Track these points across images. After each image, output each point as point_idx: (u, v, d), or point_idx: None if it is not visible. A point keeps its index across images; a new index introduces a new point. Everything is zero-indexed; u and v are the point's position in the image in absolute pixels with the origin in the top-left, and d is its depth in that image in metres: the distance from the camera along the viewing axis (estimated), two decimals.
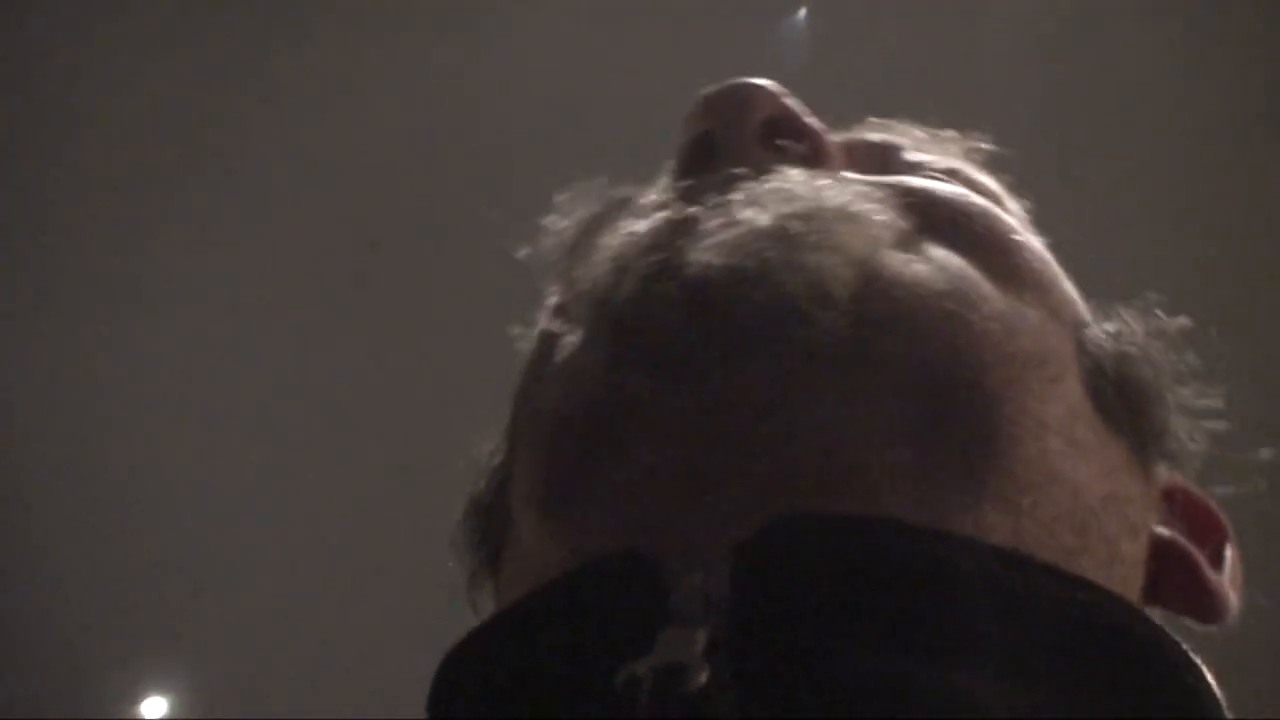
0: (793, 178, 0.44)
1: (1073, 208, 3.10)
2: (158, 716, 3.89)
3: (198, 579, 3.62)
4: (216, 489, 3.56)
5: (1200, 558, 0.44)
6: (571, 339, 0.44)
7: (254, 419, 3.48)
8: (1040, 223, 0.56)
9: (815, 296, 0.39)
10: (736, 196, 0.43)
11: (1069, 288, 0.48)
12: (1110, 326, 0.46)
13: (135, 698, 3.86)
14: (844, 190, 0.44)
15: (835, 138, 0.51)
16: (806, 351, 0.39)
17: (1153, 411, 0.44)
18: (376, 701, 3.65)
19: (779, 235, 0.41)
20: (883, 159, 0.52)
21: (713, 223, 0.42)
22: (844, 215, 0.42)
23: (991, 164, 0.56)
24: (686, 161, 0.48)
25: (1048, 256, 0.49)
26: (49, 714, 3.75)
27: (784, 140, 0.48)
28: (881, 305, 0.40)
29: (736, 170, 0.45)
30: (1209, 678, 0.36)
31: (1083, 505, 0.40)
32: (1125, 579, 0.40)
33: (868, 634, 0.33)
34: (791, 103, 0.49)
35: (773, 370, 0.39)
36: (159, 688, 3.87)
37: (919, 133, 0.55)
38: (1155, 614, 0.42)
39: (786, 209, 0.42)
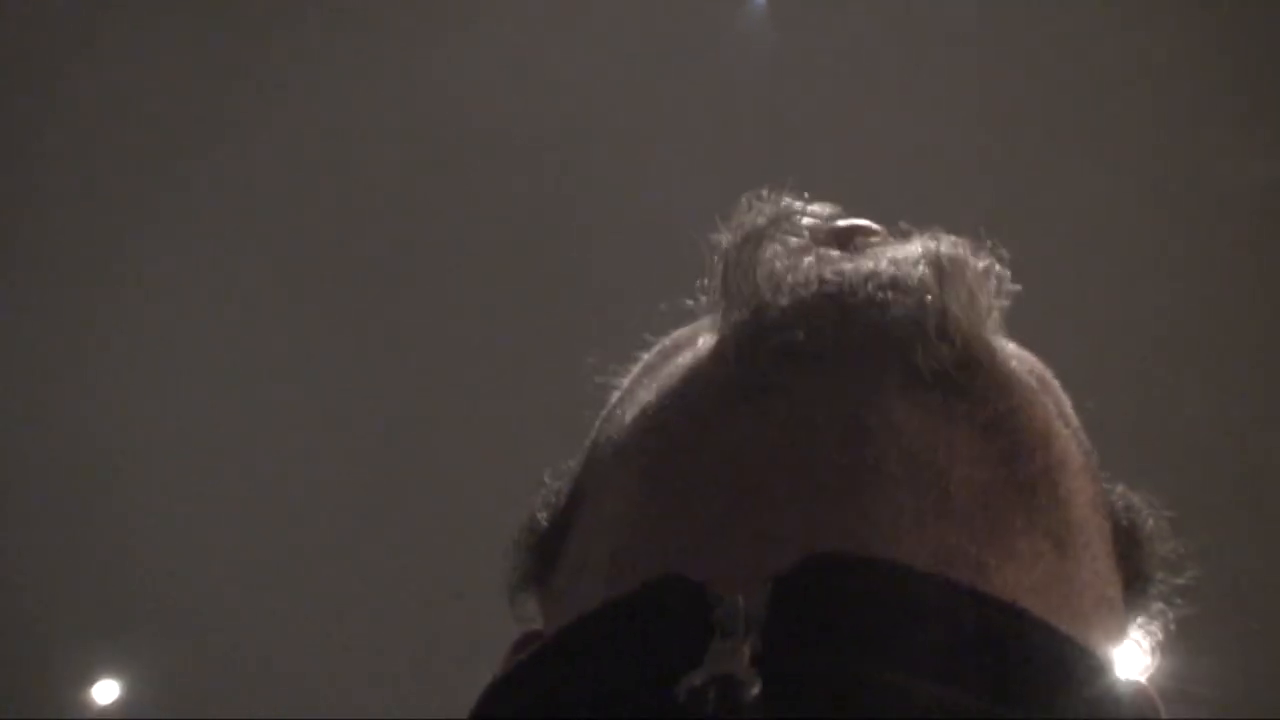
0: (929, 237, 0.51)
1: (1029, 167, 3.13)
2: (110, 699, 3.89)
3: (151, 563, 3.62)
4: (170, 475, 3.56)
5: None
6: (703, 343, 0.50)
7: (218, 408, 3.49)
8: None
9: (942, 327, 0.46)
10: (886, 246, 0.51)
11: None
12: (1122, 491, 0.52)
13: (87, 681, 3.86)
14: (982, 255, 0.51)
15: None
16: (922, 370, 0.46)
17: (1145, 562, 0.51)
18: (326, 684, 3.68)
19: (932, 261, 0.48)
20: None
21: (864, 258, 0.49)
22: (983, 273, 0.50)
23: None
24: (823, 239, 0.54)
25: None
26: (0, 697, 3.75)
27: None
28: (985, 355, 0.47)
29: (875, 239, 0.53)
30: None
31: (1102, 588, 0.47)
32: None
33: (875, 651, 0.38)
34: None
35: (887, 382, 0.46)
36: (111, 671, 3.86)
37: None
38: None
39: (936, 246, 0.49)
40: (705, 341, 0.50)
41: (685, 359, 0.50)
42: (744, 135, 3.07)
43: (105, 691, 3.89)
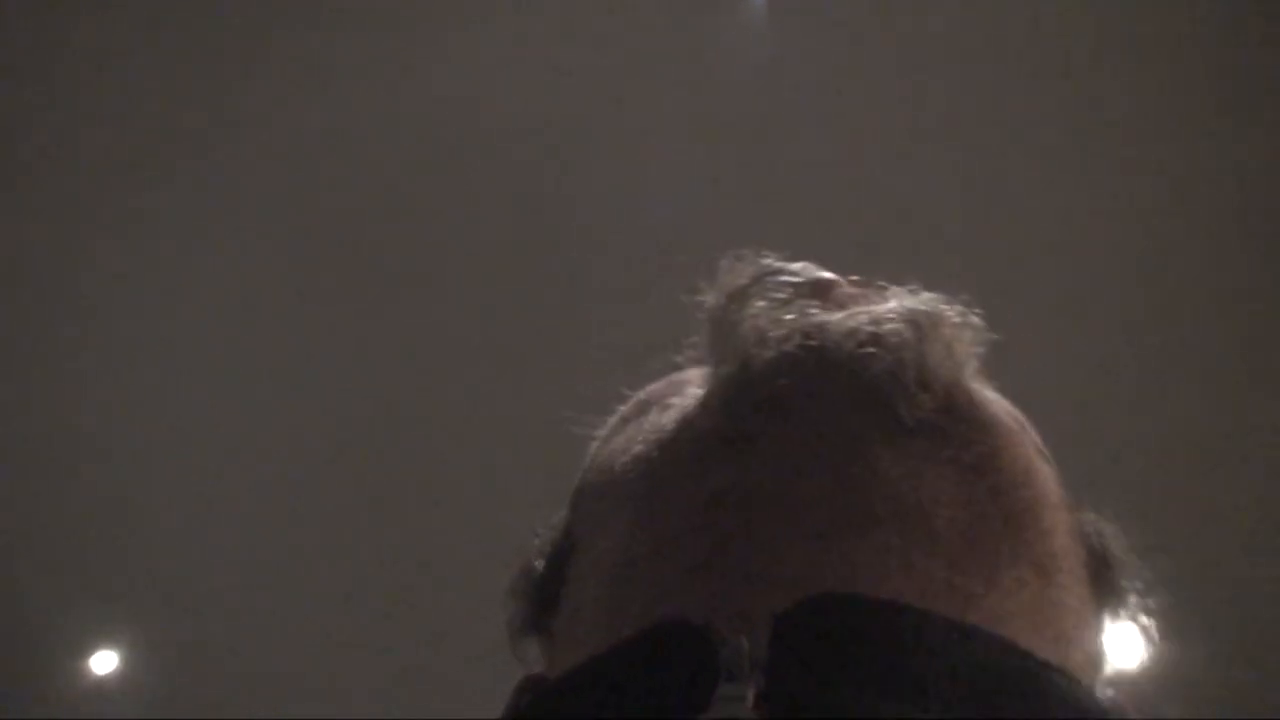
0: (904, 293, 0.54)
1: (1027, 167, 3.12)
2: (107, 670, 3.89)
3: (149, 535, 3.62)
4: (168, 447, 3.57)
5: None
6: (691, 396, 0.53)
7: (214, 386, 3.48)
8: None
9: (921, 378, 0.49)
10: (863, 300, 0.53)
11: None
12: (1093, 518, 0.55)
13: (85, 652, 3.87)
14: (951, 307, 0.53)
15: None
16: (904, 418, 0.48)
17: (1117, 582, 0.54)
18: (322, 657, 3.69)
19: (909, 317, 0.51)
20: None
21: (844, 315, 0.52)
22: (959, 325, 0.52)
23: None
24: (804, 294, 0.56)
25: None
26: None
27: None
28: (965, 401, 0.50)
29: (854, 292, 0.55)
30: None
31: (1080, 609, 0.49)
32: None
33: (871, 686, 0.41)
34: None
35: (870, 431, 0.48)
36: (109, 642, 3.87)
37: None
38: None
39: (913, 302, 0.52)
40: (694, 393, 0.52)
41: (673, 410, 0.52)
42: (744, 135, 3.07)
43: (103, 662, 3.89)
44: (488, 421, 3.27)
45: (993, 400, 0.52)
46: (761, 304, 0.52)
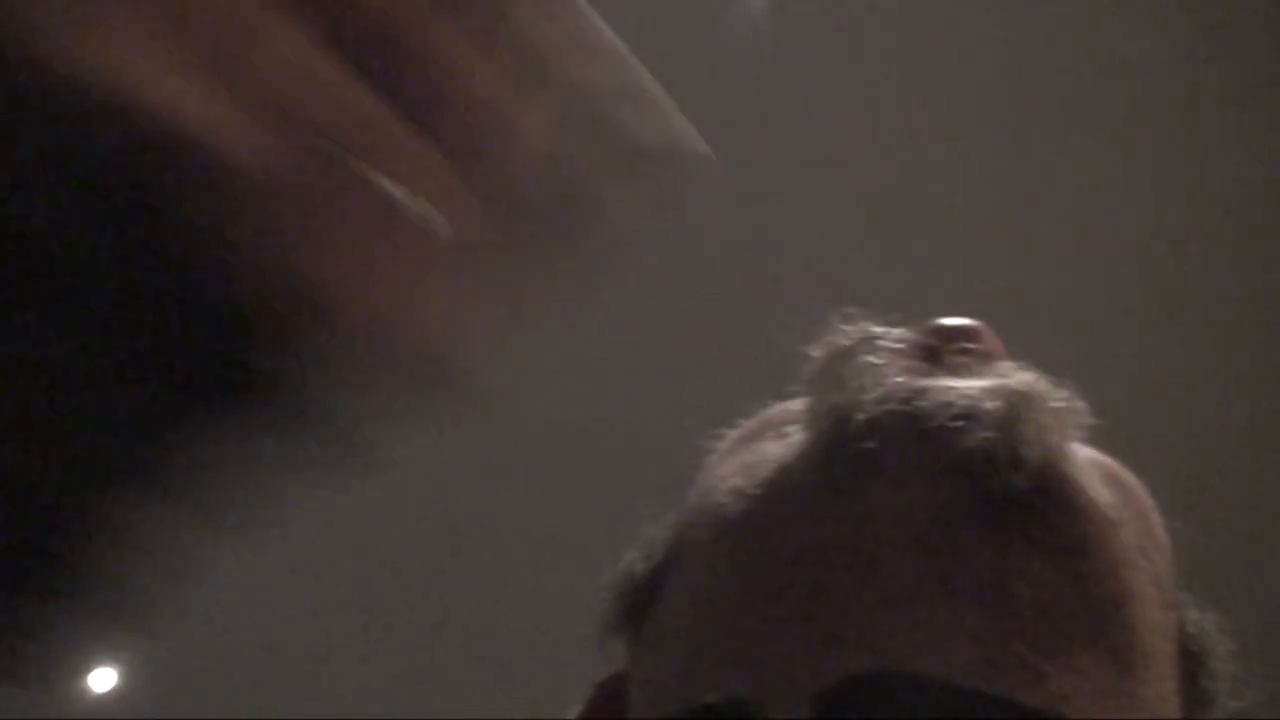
0: (1009, 369, 0.54)
1: (1028, 161, 3.12)
2: (107, 688, 3.88)
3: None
4: None
5: None
6: (793, 438, 0.53)
7: None
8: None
9: (1013, 456, 0.48)
10: (968, 371, 0.53)
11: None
12: (1195, 616, 0.55)
13: (84, 669, 3.85)
14: (1053, 389, 0.53)
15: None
16: (993, 495, 0.48)
17: (1210, 688, 0.54)
18: (324, 670, 3.68)
19: (1005, 396, 0.50)
20: None
21: (946, 380, 0.52)
22: (1057, 407, 0.52)
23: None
24: (917, 352, 0.56)
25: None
26: None
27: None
28: (1059, 484, 0.49)
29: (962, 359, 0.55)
30: None
31: (1160, 708, 0.49)
32: None
33: None
34: (988, 336, 0.58)
35: (958, 504, 0.49)
36: (108, 658, 3.86)
37: None
38: None
39: (1010, 384, 0.52)
40: (795, 438, 0.53)
41: (775, 451, 0.53)
42: (744, 133, 3.08)
43: (102, 680, 3.88)
44: (488, 421, 3.26)
45: (1097, 481, 0.51)
46: (866, 361, 0.53)
